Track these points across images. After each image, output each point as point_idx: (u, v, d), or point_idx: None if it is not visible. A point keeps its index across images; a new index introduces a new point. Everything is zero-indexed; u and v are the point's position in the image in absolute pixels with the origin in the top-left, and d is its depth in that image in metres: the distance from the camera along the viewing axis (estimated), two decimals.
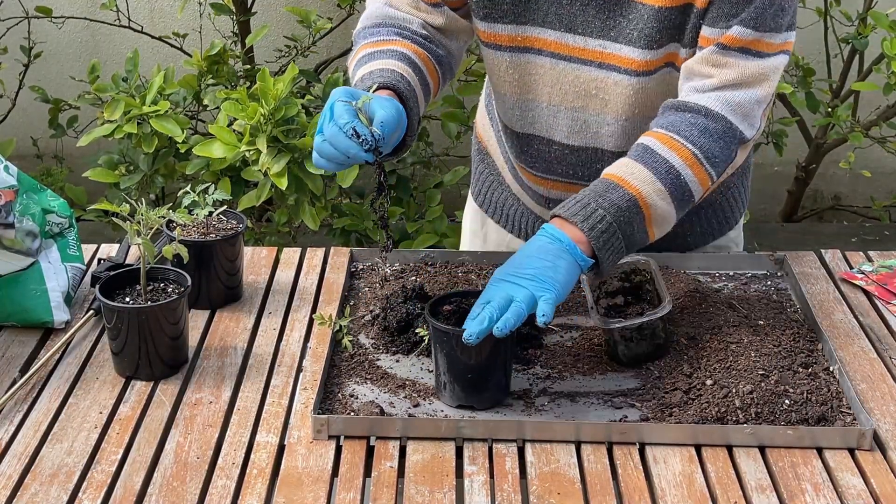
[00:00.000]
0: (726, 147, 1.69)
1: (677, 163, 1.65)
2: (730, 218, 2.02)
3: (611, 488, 1.45)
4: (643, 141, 1.69)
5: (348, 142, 1.51)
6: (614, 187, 1.62)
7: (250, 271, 1.96)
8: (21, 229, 1.74)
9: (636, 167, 1.65)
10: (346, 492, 1.44)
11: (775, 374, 1.60)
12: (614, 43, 1.73)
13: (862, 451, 1.52)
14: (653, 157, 1.65)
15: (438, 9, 1.81)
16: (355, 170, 2.69)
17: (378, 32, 1.79)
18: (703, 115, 1.68)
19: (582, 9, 1.73)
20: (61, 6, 3.93)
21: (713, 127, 1.68)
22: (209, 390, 1.64)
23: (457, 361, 1.55)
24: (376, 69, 1.69)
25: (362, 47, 1.78)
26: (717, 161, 1.68)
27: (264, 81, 2.56)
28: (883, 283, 1.91)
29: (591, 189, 1.63)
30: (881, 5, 3.70)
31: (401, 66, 1.70)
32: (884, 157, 4.02)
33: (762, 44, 1.67)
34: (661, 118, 1.72)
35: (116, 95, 2.87)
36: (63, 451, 1.52)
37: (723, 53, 1.67)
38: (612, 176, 1.65)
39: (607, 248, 1.59)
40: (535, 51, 1.79)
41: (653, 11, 1.69)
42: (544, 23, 1.76)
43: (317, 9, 3.56)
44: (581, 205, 1.60)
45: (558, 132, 1.86)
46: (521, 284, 1.52)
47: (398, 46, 1.75)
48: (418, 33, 1.80)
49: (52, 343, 1.75)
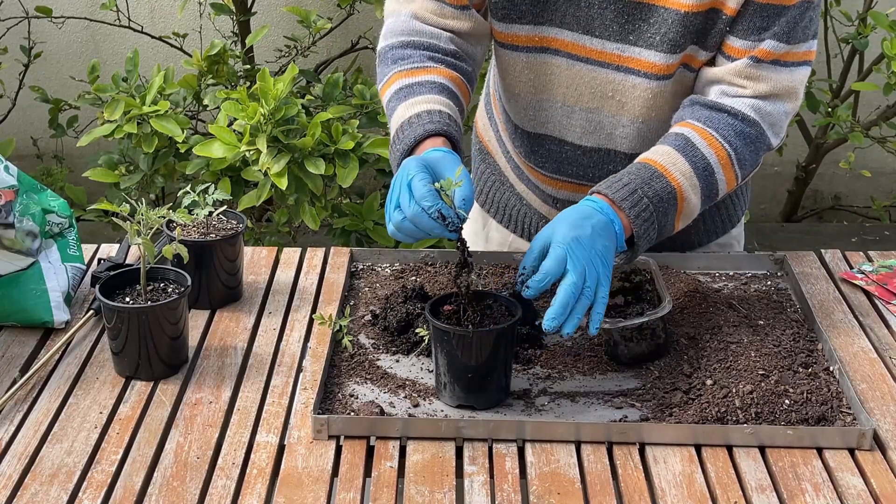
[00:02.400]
0: (756, 152, 1.72)
1: (713, 160, 1.68)
2: (733, 216, 2.03)
3: (611, 488, 1.45)
4: (682, 131, 1.70)
5: (432, 223, 1.50)
6: (658, 176, 1.64)
7: (250, 271, 1.96)
8: (21, 229, 1.74)
9: (678, 158, 1.66)
10: (346, 492, 1.44)
11: (775, 374, 1.60)
12: (633, 46, 1.74)
13: (862, 451, 1.52)
14: (693, 150, 1.67)
15: (466, 12, 1.78)
16: (355, 170, 2.69)
17: (409, 57, 1.76)
18: (739, 118, 1.70)
19: (600, 12, 1.73)
20: (61, 6, 3.93)
21: (748, 131, 1.70)
22: (209, 390, 1.64)
23: (457, 361, 1.55)
24: (423, 111, 1.66)
25: (395, 76, 1.75)
26: (746, 165, 1.72)
27: (264, 81, 2.56)
28: (883, 283, 1.91)
29: (636, 174, 1.64)
30: (881, 5, 3.70)
31: (444, 104, 1.68)
32: (884, 157, 4.02)
33: (791, 54, 1.70)
34: (694, 111, 1.72)
35: (116, 95, 2.87)
36: (63, 451, 1.52)
37: (756, 67, 1.69)
38: (655, 163, 1.66)
39: (645, 237, 1.62)
40: (552, 51, 1.79)
41: (678, 16, 1.69)
42: (562, 24, 1.76)
43: (317, 9, 3.56)
44: (628, 190, 1.62)
45: (571, 133, 1.86)
46: (596, 268, 1.54)
47: (435, 76, 1.73)
48: (448, 51, 1.78)
49: (52, 343, 1.75)
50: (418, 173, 1.52)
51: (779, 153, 3.70)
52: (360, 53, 3.85)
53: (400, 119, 1.68)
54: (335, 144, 2.68)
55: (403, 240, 1.56)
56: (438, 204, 1.49)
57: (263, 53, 3.85)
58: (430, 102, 1.68)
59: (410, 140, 1.63)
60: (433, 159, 1.57)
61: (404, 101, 1.69)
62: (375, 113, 2.92)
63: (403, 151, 1.64)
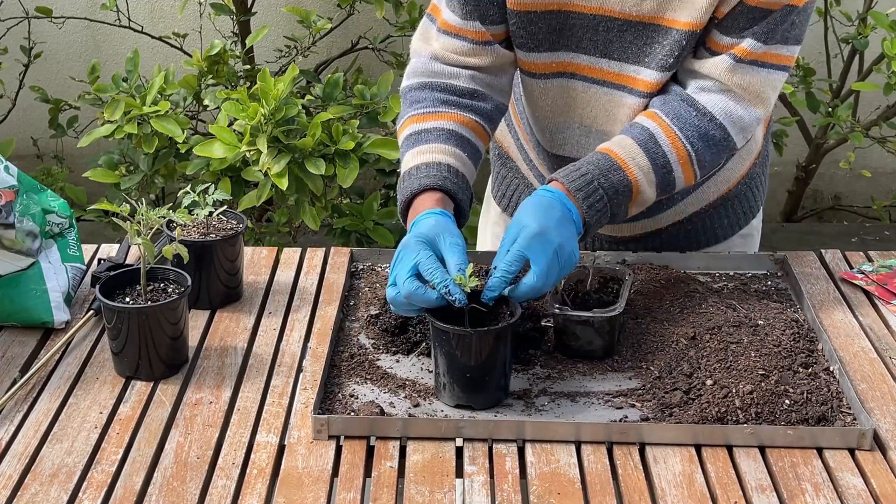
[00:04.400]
0: (717, 155, 1.77)
1: (673, 159, 1.72)
2: (753, 207, 2.05)
3: (611, 488, 1.45)
4: (648, 125, 1.73)
5: (433, 300, 1.55)
6: (616, 169, 1.69)
7: (250, 271, 1.96)
8: (21, 229, 1.74)
9: (638, 153, 1.70)
10: (346, 492, 1.44)
11: (775, 374, 1.60)
12: (646, 69, 1.75)
13: (862, 451, 1.52)
14: (655, 147, 1.71)
15: (488, 47, 1.80)
16: (355, 170, 2.69)
17: (423, 100, 1.80)
18: (707, 119, 1.73)
19: (619, 35, 1.74)
20: (61, 6, 3.93)
21: (712, 134, 1.73)
22: (209, 390, 1.64)
23: (456, 361, 1.55)
24: (422, 164, 1.71)
25: (408, 120, 1.79)
26: (706, 166, 1.76)
27: (264, 81, 2.56)
28: (883, 283, 1.91)
29: (595, 164, 1.69)
30: (881, 5, 3.70)
31: (449, 152, 1.73)
32: (884, 157, 4.02)
33: (770, 55, 1.71)
34: (665, 103, 1.74)
35: (116, 96, 2.87)
36: (63, 451, 1.52)
37: (735, 65, 1.71)
38: (615, 155, 1.70)
39: (595, 225, 1.68)
40: (569, 75, 1.82)
41: (683, 35, 1.71)
42: (578, 48, 1.78)
43: (317, 9, 3.56)
44: (585, 180, 1.67)
45: (589, 154, 1.87)
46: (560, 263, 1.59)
47: (445, 122, 1.76)
48: (465, 91, 1.80)
49: (52, 343, 1.75)
50: (424, 259, 1.56)
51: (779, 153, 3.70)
52: (360, 53, 3.85)
53: (404, 168, 1.75)
54: (335, 145, 2.68)
55: (405, 313, 1.63)
56: (447, 279, 1.54)
57: (263, 53, 3.85)
58: (433, 152, 1.73)
59: (407, 193, 1.70)
60: (435, 234, 1.60)
61: (411, 149, 1.76)
62: (375, 113, 2.92)
63: (400, 205, 1.72)
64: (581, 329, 1.67)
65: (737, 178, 1.98)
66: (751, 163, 1.98)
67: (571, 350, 1.68)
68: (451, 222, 1.64)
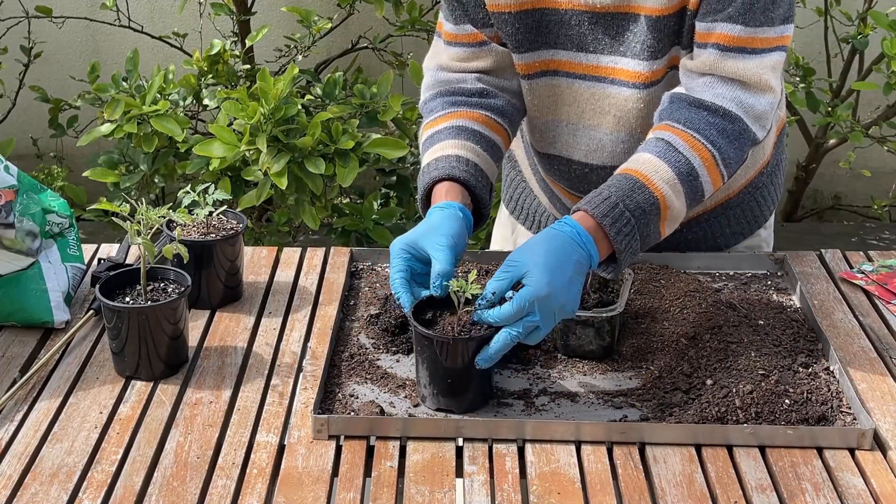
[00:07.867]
0: (740, 149, 1.69)
1: (697, 164, 1.65)
2: (759, 217, 2.01)
3: (611, 488, 1.45)
4: (663, 136, 1.67)
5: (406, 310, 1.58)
6: (640, 187, 1.61)
7: (250, 271, 1.96)
8: (21, 229, 1.74)
9: (660, 166, 1.63)
10: (346, 492, 1.44)
11: (775, 373, 1.60)
12: (623, 58, 1.75)
13: (862, 451, 1.52)
14: (675, 155, 1.64)
15: (485, 47, 1.83)
16: (355, 169, 2.69)
17: (435, 108, 1.84)
18: (720, 115, 1.67)
19: (591, 28, 1.75)
20: (61, 6, 3.93)
21: (730, 128, 1.67)
22: (209, 390, 1.64)
23: (438, 367, 1.54)
24: (433, 160, 1.74)
25: (424, 128, 1.84)
26: (731, 163, 1.69)
27: (264, 81, 2.56)
28: (883, 283, 1.91)
29: (617, 186, 1.61)
30: (881, 5, 3.70)
31: (458, 145, 1.75)
32: (884, 156, 4.02)
33: (756, 40, 1.67)
34: (674, 111, 1.69)
35: (116, 95, 2.87)
36: (63, 451, 1.52)
37: (724, 55, 1.67)
38: (637, 174, 1.63)
39: (627, 251, 1.59)
40: (551, 72, 1.82)
41: (651, 21, 1.70)
42: (556, 45, 1.79)
43: (317, 9, 3.56)
44: (609, 205, 1.59)
45: (577, 151, 1.88)
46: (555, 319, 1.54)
47: (453, 120, 1.79)
48: (474, 91, 1.83)
49: (52, 343, 1.75)
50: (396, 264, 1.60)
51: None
52: (360, 53, 3.85)
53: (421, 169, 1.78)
54: (335, 144, 2.68)
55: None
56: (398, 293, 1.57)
57: (263, 53, 3.85)
58: (444, 149, 1.75)
59: (421, 191, 1.74)
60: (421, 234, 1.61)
61: (426, 152, 1.79)
62: (375, 112, 2.92)
63: (420, 203, 1.75)
64: (581, 329, 1.67)
65: (739, 186, 1.95)
66: (756, 171, 1.95)
67: (571, 350, 1.69)
68: (449, 216, 1.63)
